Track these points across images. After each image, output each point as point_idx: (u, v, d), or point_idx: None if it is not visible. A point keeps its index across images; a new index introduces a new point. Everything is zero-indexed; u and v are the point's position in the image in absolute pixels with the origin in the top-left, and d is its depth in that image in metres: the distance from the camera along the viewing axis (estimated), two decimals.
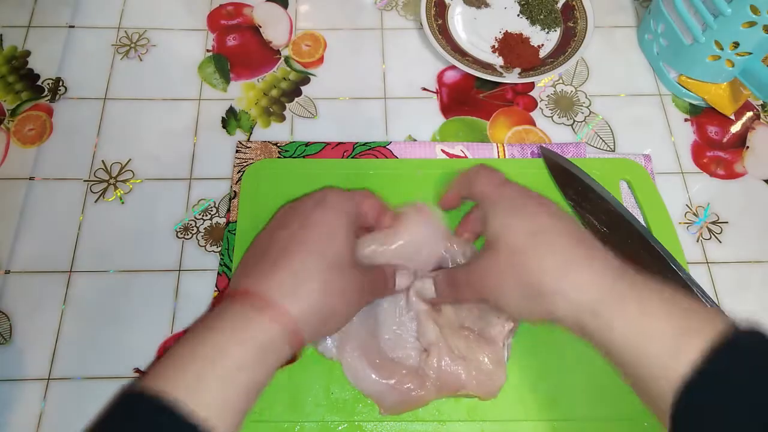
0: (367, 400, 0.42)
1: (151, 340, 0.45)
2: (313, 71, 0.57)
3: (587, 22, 0.58)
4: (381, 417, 0.41)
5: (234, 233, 0.48)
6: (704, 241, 0.50)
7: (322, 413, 0.42)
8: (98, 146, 0.53)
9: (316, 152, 0.52)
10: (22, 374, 0.44)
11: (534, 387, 0.43)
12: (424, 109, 0.56)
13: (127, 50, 0.58)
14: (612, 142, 0.54)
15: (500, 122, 0.55)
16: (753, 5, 0.46)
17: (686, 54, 0.53)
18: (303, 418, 0.41)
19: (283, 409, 0.42)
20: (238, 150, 0.52)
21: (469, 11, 0.61)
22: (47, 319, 0.45)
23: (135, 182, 0.51)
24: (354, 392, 0.42)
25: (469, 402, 0.42)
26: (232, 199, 0.49)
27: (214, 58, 0.58)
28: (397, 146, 0.52)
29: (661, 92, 0.57)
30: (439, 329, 0.41)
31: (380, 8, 0.62)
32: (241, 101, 0.55)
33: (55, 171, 0.51)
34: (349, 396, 0.42)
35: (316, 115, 0.55)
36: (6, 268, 0.47)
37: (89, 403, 0.42)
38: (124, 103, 0.55)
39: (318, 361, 0.43)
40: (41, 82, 0.55)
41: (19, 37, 0.58)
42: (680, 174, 0.53)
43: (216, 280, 0.47)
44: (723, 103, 0.54)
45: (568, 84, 0.57)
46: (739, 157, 0.54)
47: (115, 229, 0.49)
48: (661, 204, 0.49)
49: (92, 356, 0.44)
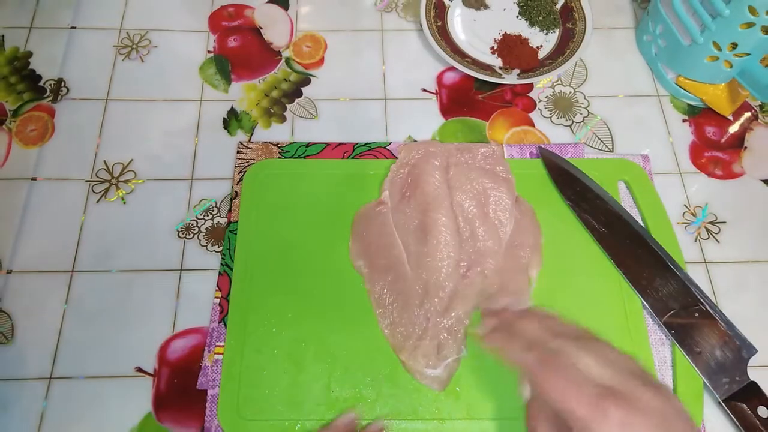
0: (367, 399, 0.42)
1: (153, 340, 0.45)
2: (314, 72, 0.58)
3: (586, 24, 0.59)
4: (381, 415, 0.42)
5: (235, 233, 0.48)
6: (702, 241, 0.50)
7: (323, 412, 0.42)
8: (100, 147, 0.53)
9: (316, 153, 0.52)
10: (23, 373, 0.44)
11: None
12: (423, 110, 0.56)
13: (129, 51, 0.58)
14: (610, 142, 0.55)
15: (499, 123, 0.55)
16: (751, 6, 0.46)
17: (684, 55, 0.54)
18: (303, 416, 0.42)
19: (283, 407, 0.42)
20: (239, 151, 0.52)
21: (469, 13, 0.62)
22: (49, 319, 0.46)
23: (137, 182, 0.51)
24: (354, 390, 0.42)
25: (469, 400, 0.42)
26: (233, 200, 0.50)
27: (215, 59, 0.58)
28: (397, 147, 0.53)
29: (659, 93, 0.58)
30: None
31: (380, 10, 0.62)
32: (242, 102, 0.56)
33: (57, 171, 0.52)
34: (350, 394, 0.42)
35: (317, 116, 0.55)
36: (8, 267, 0.47)
37: (91, 403, 0.43)
38: (126, 104, 0.55)
39: (319, 360, 0.43)
40: (43, 83, 0.56)
41: (21, 38, 0.58)
42: (678, 174, 0.53)
43: (217, 279, 0.47)
44: (721, 103, 0.55)
45: (567, 85, 0.58)
46: (737, 157, 0.54)
47: (117, 229, 0.49)
48: (659, 204, 0.50)
49: (94, 355, 0.44)
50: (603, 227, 0.48)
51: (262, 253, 0.47)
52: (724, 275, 0.49)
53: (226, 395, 0.42)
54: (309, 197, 0.49)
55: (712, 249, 0.50)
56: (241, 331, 0.44)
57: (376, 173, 0.51)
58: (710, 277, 0.49)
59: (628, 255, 0.47)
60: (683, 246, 0.49)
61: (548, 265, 0.47)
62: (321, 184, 0.50)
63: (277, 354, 0.43)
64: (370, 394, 0.43)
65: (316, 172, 0.51)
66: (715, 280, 0.48)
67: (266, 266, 0.47)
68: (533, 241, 0.48)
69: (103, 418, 0.42)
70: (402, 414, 0.42)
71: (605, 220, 0.48)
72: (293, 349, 0.44)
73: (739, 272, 0.49)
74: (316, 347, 0.44)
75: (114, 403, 0.43)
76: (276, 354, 0.43)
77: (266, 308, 0.45)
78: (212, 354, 0.44)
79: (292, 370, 0.43)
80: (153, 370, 0.44)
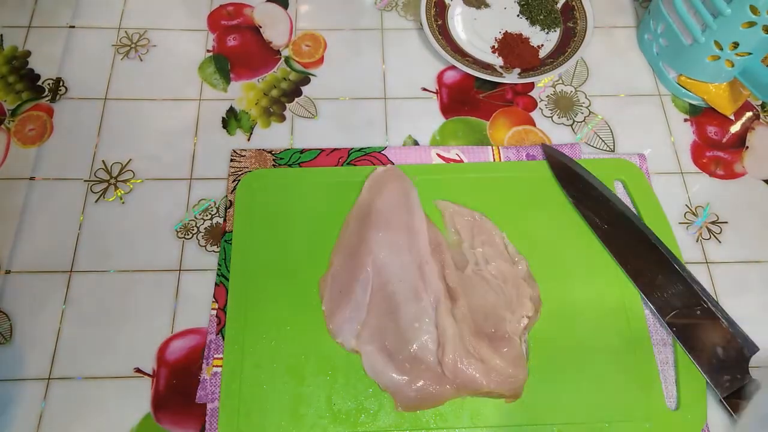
0: (369, 411, 0.42)
1: (152, 340, 0.45)
2: (314, 71, 0.58)
3: (587, 23, 0.59)
4: (384, 427, 0.41)
5: (230, 243, 0.48)
6: (704, 241, 0.50)
7: (325, 425, 0.41)
8: (99, 146, 0.53)
9: (311, 159, 0.52)
10: (22, 374, 0.44)
11: (535, 390, 0.43)
12: (424, 109, 0.56)
13: (128, 50, 0.58)
14: (612, 142, 0.54)
15: (500, 122, 0.55)
16: (752, 5, 0.46)
17: (686, 54, 0.54)
18: (306, 430, 0.41)
19: (285, 422, 0.41)
20: (233, 159, 0.51)
21: (469, 12, 0.61)
22: (48, 319, 0.45)
23: (135, 182, 0.51)
24: (356, 403, 0.42)
25: (472, 408, 0.42)
26: (228, 209, 0.49)
27: (214, 58, 0.58)
28: (392, 151, 0.52)
29: (660, 92, 0.57)
30: (456, 323, 0.42)
31: (380, 9, 0.62)
32: (241, 101, 0.55)
33: (56, 171, 0.51)
34: (352, 406, 0.42)
35: (316, 116, 0.55)
36: (6, 267, 0.47)
37: (89, 404, 0.43)
38: (125, 104, 0.55)
39: (320, 372, 0.43)
40: (42, 83, 0.56)
41: (20, 37, 0.58)
42: (680, 174, 0.53)
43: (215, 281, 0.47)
44: (722, 103, 0.55)
45: (568, 84, 0.58)
46: (739, 157, 0.54)
47: (116, 229, 0.49)
48: (656, 203, 0.49)
49: (92, 356, 0.44)
50: (605, 224, 0.48)
51: (258, 265, 0.46)
52: (725, 275, 0.48)
53: (226, 412, 0.41)
54: (304, 206, 0.49)
55: (713, 249, 0.50)
56: (240, 345, 0.43)
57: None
58: (712, 278, 0.48)
59: (630, 253, 0.47)
60: (684, 246, 0.49)
61: (549, 267, 0.47)
62: (316, 193, 0.49)
63: (277, 368, 0.43)
64: (372, 405, 0.42)
65: (310, 181, 0.50)
66: (716, 280, 0.48)
67: (263, 278, 0.46)
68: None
69: (102, 419, 0.42)
70: (404, 425, 0.41)
71: (608, 217, 0.48)
72: (293, 362, 0.43)
73: (741, 272, 0.49)
74: (316, 360, 0.43)
75: (113, 403, 0.43)
76: (275, 368, 0.43)
77: (264, 321, 0.44)
78: (211, 366, 0.43)
79: (292, 384, 0.42)
80: (152, 370, 0.44)
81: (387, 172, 0.50)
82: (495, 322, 0.44)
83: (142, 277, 0.47)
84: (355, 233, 0.47)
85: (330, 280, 0.45)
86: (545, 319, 0.45)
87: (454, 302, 0.43)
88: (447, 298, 0.43)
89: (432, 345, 0.42)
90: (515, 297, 0.45)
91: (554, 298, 0.45)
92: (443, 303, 0.43)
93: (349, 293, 0.44)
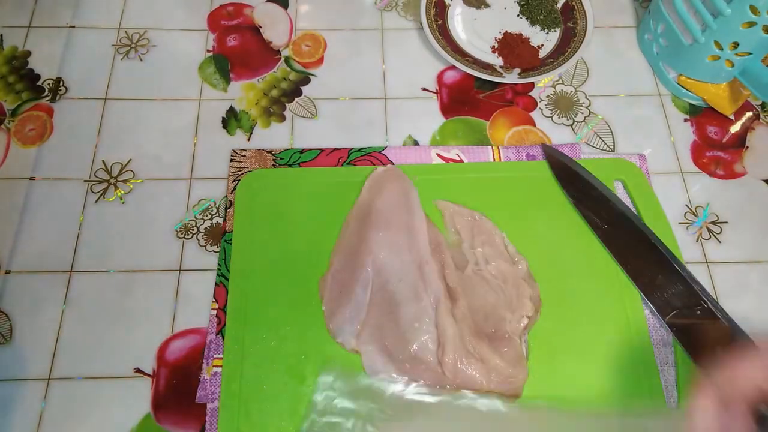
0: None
1: (152, 340, 0.45)
2: (314, 71, 0.58)
3: (587, 23, 0.59)
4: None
5: (230, 243, 0.48)
6: (704, 241, 0.50)
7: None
8: (99, 146, 0.53)
9: (311, 159, 0.52)
10: (22, 374, 0.44)
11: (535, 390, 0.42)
12: (424, 109, 0.56)
13: (128, 50, 0.58)
14: (611, 142, 0.54)
15: (500, 122, 0.55)
16: (752, 5, 0.46)
17: (686, 54, 0.54)
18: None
19: (286, 422, 0.41)
20: (233, 159, 0.52)
21: (469, 12, 0.61)
22: (48, 319, 0.45)
23: (135, 182, 0.51)
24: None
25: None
26: (228, 209, 0.49)
27: (214, 58, 0.58)
28: (392, 151, 0.52)
29: (660, 92, 0.57)
30: (456, 323, 0.42)
31: (380, 9, 0.62)
32: (241, 101, 0.55)
33: (56, 171, 0.51)
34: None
35: (316, 116, 0.55)
36: (6, 267, 0.47)
37: (90, 404, 0.43)
38: (125, 104, 0.55)
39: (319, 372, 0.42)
40: (42, 83, 0.56)
41: (20, 37, 0.58)
42: (680, 174, 0.53)
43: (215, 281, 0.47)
44: (722, 103, 0.55)
45: (568, 84, 0.58)
46: (739, 157, 0.54)
47: (116, 229, 0.49)
48: (656, 203, 0.49)
49: (92, 356, 0.44)
50: (606, 224, 0.48)
51: (258, 265, 0.46)
52: (725, 275, 0.48)
53: (226, 412, 0.41)
54: (304, 206, 0.49)
55: (713, 249, 0.50)
56: (240, 346, 0.43)
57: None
58: (712, 278, 0.48)
59: (630, 253, 0.47)
60: (685, 246, 0.49)
61: (549, 267, 0.47)
62: (316, 193, 0.49)
63: (277, 368, 0.43)
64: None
65: (310, 181, 0.50)
66: (716, 281, 0.48)
67: (262, 278, 0.46)
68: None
69: (102, 419, 0.42)
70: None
71: (608, 217, 0.48)
72: (293, 362, 0.43)
73: (741, 272, 0.49)
74: (316, 359, 0.43)
75: (113, 404, 0.43)
76: (276, 368, 0.43)
77: (264, 322, 0.44)
78: (211, 367, 0.43)
79: (292, 384, 0.42)
80: (152, 370, 0.44)
81: (387, 172, 0.50)
82: (495, 322, 0.44)
83: (142, 277, 0.47)
84: (355, 233, 0.47)
85: (330, 280, 0.45)
86: (545, 319, 0.45)
87: (454, 302, 0.43)
88: (447, 298, 0.43)
89: (432, 345, 0.42)
90: (515, 297, 0.45)
91: (554, 298, 0.45)
92: (443, 303, 0.43)
93: (349, 293, 0.44)
